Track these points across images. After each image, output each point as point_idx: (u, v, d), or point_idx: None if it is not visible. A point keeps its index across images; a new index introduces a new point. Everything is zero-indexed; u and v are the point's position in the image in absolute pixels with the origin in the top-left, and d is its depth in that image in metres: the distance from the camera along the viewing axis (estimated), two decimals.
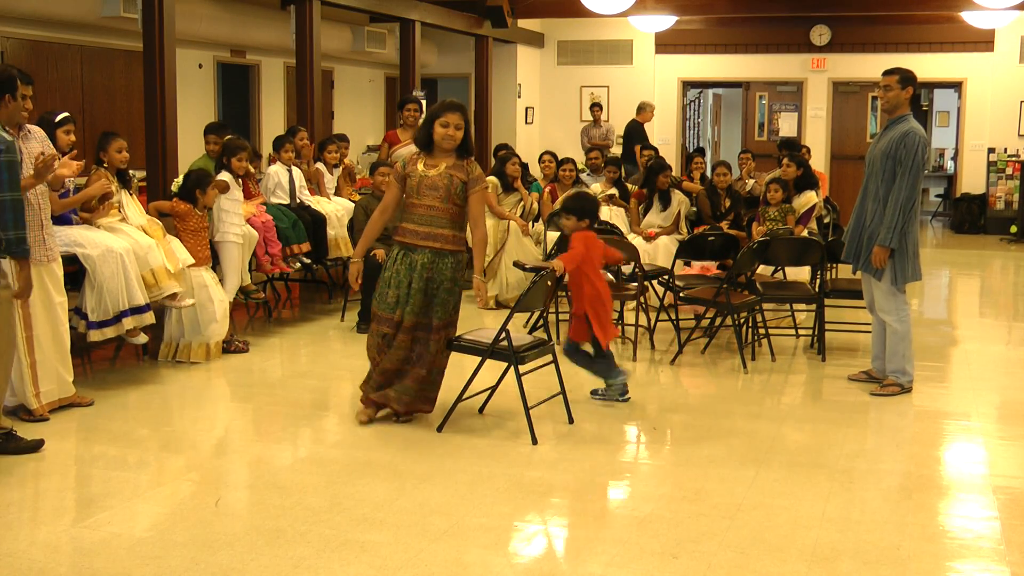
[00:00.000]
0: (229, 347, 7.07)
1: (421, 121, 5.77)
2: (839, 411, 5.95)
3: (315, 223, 8.40)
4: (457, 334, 5.53)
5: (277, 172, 8.41)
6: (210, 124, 7.91)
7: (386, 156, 9.04)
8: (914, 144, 5.96)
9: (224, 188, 7.01)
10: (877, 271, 6.10)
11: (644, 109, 14.04)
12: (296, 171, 8.55)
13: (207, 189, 6.86)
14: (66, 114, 6.29)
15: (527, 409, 5.25)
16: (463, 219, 5.48)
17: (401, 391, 5.43)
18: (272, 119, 12.42)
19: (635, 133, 13.67)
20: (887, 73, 6.20)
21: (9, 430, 5.03)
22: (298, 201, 8.45)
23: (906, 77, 6.15)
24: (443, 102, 5.41)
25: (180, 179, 7.00)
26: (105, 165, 6.44)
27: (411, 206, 5.39)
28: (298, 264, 8.21)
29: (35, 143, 5.50)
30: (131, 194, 6.66)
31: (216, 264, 7.24)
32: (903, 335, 6.17)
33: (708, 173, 10.29)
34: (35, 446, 5.01)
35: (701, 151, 14.84)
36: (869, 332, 6.98)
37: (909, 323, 6.22)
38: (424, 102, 11.07)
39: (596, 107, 14.73)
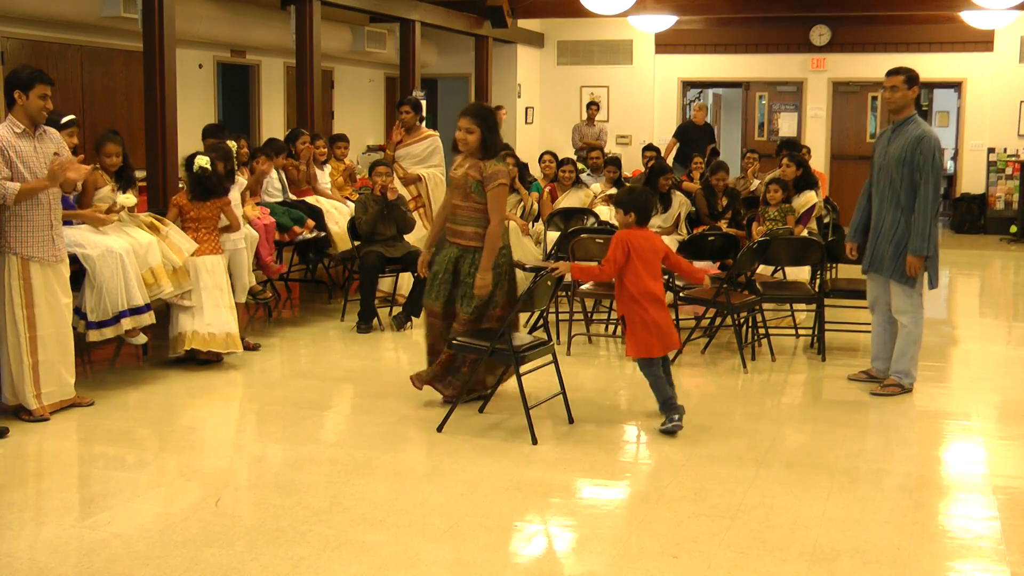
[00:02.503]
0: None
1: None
2: (839, 411, 5.95)
3: (313, 216, 8.40)
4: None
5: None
6: (207, 127, 7.87)
7: (391, 149, 9.02)
8: (931, 150, 5.94)
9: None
10: (902, 276, 6.04)
11: (699, 110, 14.17)
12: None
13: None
14: (72, 117, 6.30)
15: (527, 409, 5.25)
16: (487, 217, 5.64)
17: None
18: (272, 119, 12.42)
19: (679, 131, 13.94)
20: (892, 73, 6.12)
21: None
22: (289, 199, 8.45)
23: (911, 77, 6.09)
24: (464, 107, 5.80)
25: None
26: (97, 166, 6.44)
27: (449, 205, 5.83)
28: (311, 235, 8.20)
29: (50, 144, 5.52)
30: (127, 193, 6.65)
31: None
32: (916, 338, 6.15)
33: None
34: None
35: (715, 151, 14.79)
36: (869, 332, 6.99)
37: (922, 327, 6.19)
38: (424, 103, 11.04)
39: (593, 106, 14.66)
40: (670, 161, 13.25)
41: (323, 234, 8.41)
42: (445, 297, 5.73)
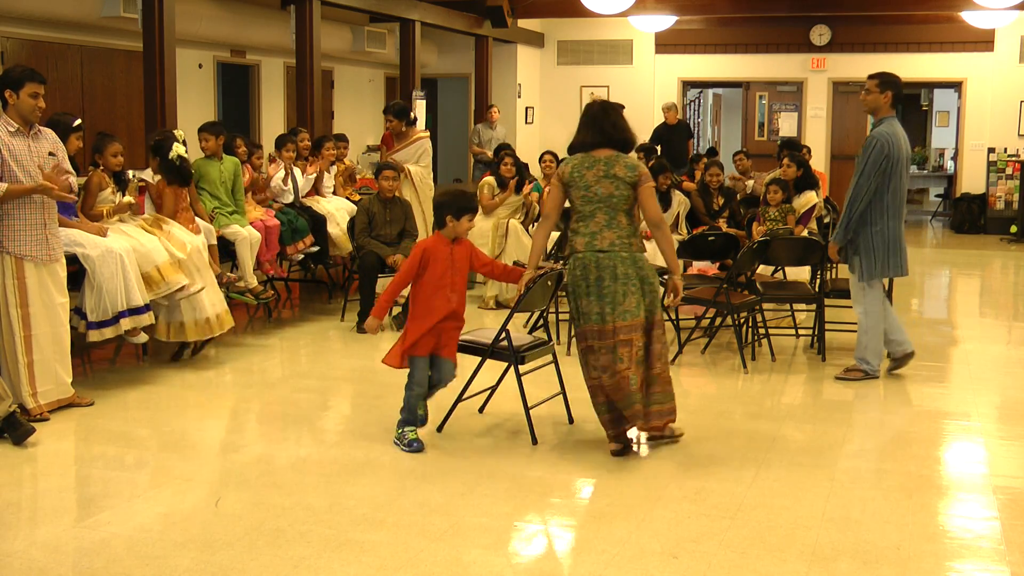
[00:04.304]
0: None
1: (585, 122, 5.14)
2: (839, 411, 5.95)
3: (315, 223, 8.40)
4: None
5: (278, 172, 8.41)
6: (205, 123, 7.77)
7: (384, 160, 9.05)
8: (870, 146, 6.21)
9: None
10: (850, 266, 6.43)
11: (668, 110, 14.23)
12: (297, 171, 8.56)
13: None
14: (80, 120, 6.32)
15: (527, 409, 5.25)
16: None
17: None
18: (272, 119, 12.42)
19: (654, 136, 14.06)
20: (870, 77, 6.39)
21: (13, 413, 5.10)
22: (299, 203, 8.46)
23: (886, 81, 6.32)
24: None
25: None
26: (101, 168, 6.44)
27: None
28: (301, 256, 8.24)
29: (45, 143, 5.52)
30: (125, 195, 6.67)
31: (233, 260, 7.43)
32: (867, 328, 6.44)
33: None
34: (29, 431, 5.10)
35: (713, 151, 14.80)
36: None
37: (877, 317, 6.43)
38: (421, 103, 11.04)
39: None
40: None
41: (318, 249, 8.41)
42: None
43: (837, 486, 4.65)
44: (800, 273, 8.22)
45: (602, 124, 5.08)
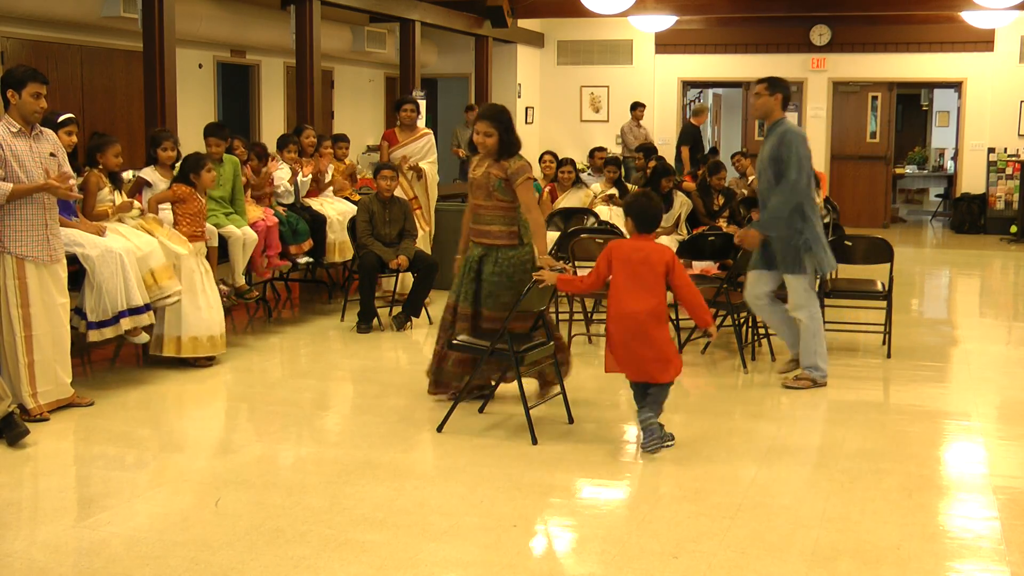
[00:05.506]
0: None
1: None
2: (839, 411, 5.95)
3: (315, 224, 8.39)
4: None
5: (284, 172, 8.40)
6: (209, 125, 7.81)
7: (386, 157, 9.04)
8: (792, 142, 6.12)
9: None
10: (794, 267, 6.16)
11: (700, 113, 14.23)
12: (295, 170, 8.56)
13: (201, 172, 6.77)
14: (70, 115, 6.30)
15: (527, 409, 5.25)
16: (515, 215, 5.63)
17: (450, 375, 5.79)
18: (272, 119, 12.42)
19: (688, 136, 14.11)
20: (759, 81, 6.42)
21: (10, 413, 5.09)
22: (300, 203, 8.46)
23: (775, 84, 6.32)
24: (480, 110, 5.81)
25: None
26: (100, 167, 6.44)
27: (471, 207, 5.78)
28: (304, 260, 8.23)
29: (47, 144, 5.52)
30: (123, 194, 6.67)
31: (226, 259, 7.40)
32: (814, 331, 6.29)
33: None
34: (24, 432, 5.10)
35: (714, 150, 14.85)
36: (869, 332, 7.02)
37: (820, 320, 6.35)
38: (422, 102, 11.02)
39: (640, 107, 14.58)
40: (688, 166, 13.29)
41: (311, 261, 8.41)
42: (471, 298, 5.66)
43: (837, 486, 4.65)
44: None
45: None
